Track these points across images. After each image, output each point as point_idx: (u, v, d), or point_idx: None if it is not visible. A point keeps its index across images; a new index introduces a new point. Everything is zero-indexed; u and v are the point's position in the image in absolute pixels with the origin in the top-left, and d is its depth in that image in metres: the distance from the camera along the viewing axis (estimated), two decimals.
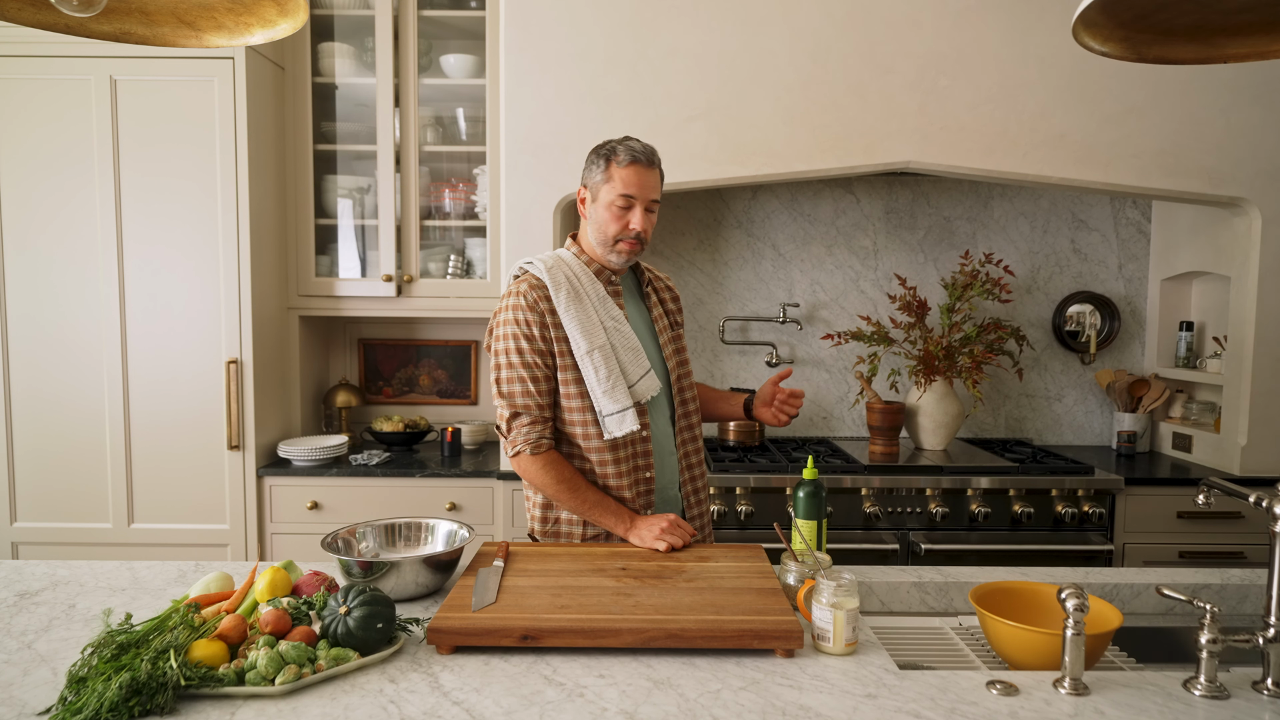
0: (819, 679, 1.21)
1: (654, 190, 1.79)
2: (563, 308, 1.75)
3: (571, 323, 1.75)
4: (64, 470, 2.76)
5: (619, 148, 1.78)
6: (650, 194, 1.78)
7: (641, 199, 1.76)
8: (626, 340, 1.79)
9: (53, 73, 2.65)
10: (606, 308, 1.80)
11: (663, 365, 1.88)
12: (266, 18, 1.24)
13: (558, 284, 1.77)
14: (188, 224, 2.72)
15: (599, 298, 1.80)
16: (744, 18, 2.69)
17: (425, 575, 1.50)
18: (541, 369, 1.75)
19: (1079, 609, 1.16)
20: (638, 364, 1.78)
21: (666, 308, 1.98)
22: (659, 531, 1.69)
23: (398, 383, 3.40)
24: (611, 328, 1.78)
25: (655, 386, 1.80)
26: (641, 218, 1.77)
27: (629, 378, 1.77)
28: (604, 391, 1.74)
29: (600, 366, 1.74)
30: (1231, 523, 2.77)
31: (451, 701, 1.13)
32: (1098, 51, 1.21)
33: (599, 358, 1.74)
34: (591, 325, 1.76)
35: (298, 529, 2.79)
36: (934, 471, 2.74)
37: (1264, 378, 2.79)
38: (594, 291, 1.80)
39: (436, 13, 2.96)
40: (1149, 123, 2.72)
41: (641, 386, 1.78)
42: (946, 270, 3.31)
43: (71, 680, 1.12)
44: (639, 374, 1.78)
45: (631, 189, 1.75)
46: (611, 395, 1.75)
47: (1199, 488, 1.33)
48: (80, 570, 1.68)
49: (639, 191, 1.76)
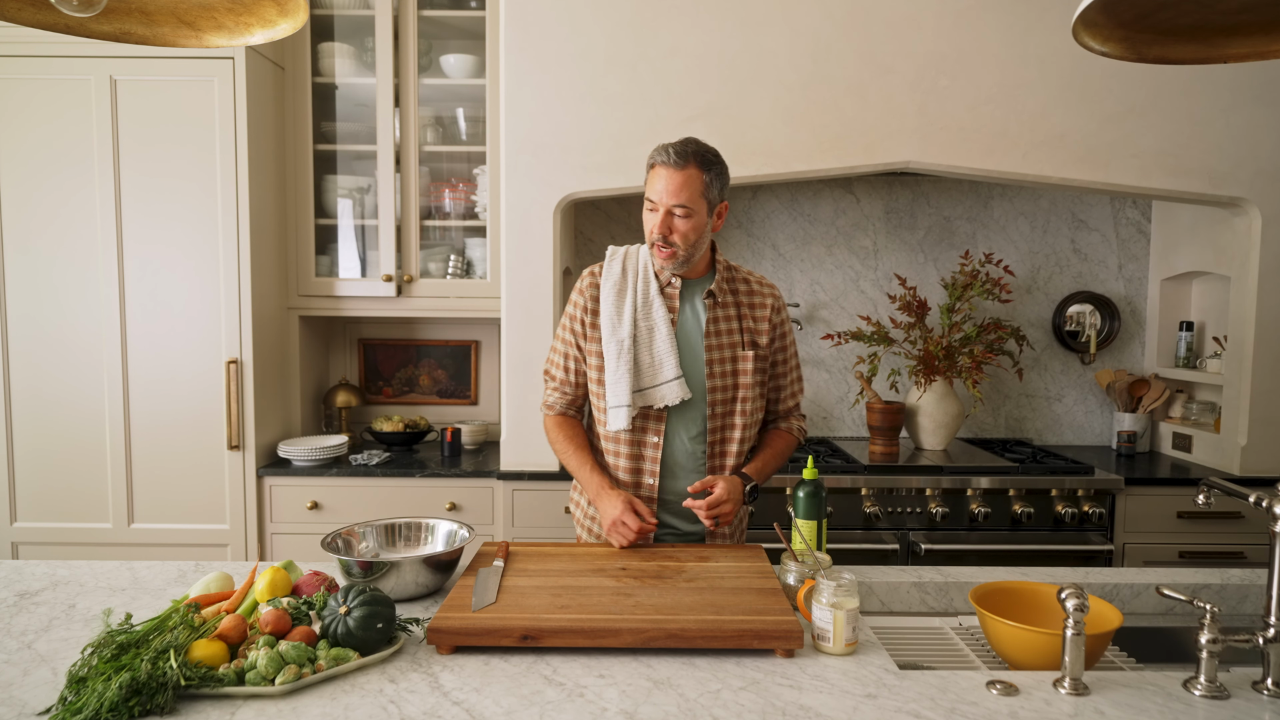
0: (819, 679, 1.21)
1: (679, 194, 1.68)
2: (603, 296, 1.80)
3: (604, 313, 1.79)
4: (64, 470, 2.75)
5: (654, 152, 1.73)
6: (673, 199, 1.68)
7: (662, 204, 1.69)
8: (655, 343, 1.76)
9: (53, 73, 2.65)
10: (649, 307, 1.78)
11: (700, 378, 1.80)
12: (266, 18, 1.24)
13: (610, 274, 1.82)
14: (188, 224, 2.72)
15: (645, 296, 1.78)
16: (744, 18, 2.69)
17: (425, 575, 1.50)
18: (572, 347, 1.86)
19: (1079, 609, 1.16)
20: (656, 369, 1.76)
21: (744, 324, 1.83)
22: (608, 527, 1.72)
23: (398, 383, 3.40)
24: (643, 327, 1.77)
25: (671, 397, 1.75)
26: (662, 222, 1.70)
27: (640, 379, 1.76)
28: (609, 383, 1.78)
29: (612, 359, 1.77)
30: (1231, 523, 2.77)
31: (451, 701, 1.13)
32: (1098, 51, 1.21)
33: (613, 350, 1.77)
34: (618, 320, 1.77)
35: (298, 529, 2.79)
36: (934, 471, 2.74)
37: (1264, 378, 2.79)
38: (644, 289, 1.79)
39: (436, 13, 2.96)
40: (1149, 123, 2.72)
41: (655, 392, 1.76)
42: (946, 270, 3.31)
43: (72, 680, 1.12)
44: (654, 379, 1.76)
45: (653, 193, 1.71)
46: (613, 389, 1.77)
47: (1199, 488, 1.33)
48: (80, 570, 1.68)
49: (659, 196, 1.70)
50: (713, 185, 1.72)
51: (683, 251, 1.72)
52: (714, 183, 1.72)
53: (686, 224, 1.70)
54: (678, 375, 1.75)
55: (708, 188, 1.71)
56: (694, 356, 1.79)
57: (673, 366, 1.75)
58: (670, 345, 1.75)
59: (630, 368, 1.75)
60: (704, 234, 1.74)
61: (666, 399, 1.76)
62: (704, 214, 1.72)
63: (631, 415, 1.77)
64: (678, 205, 1.68)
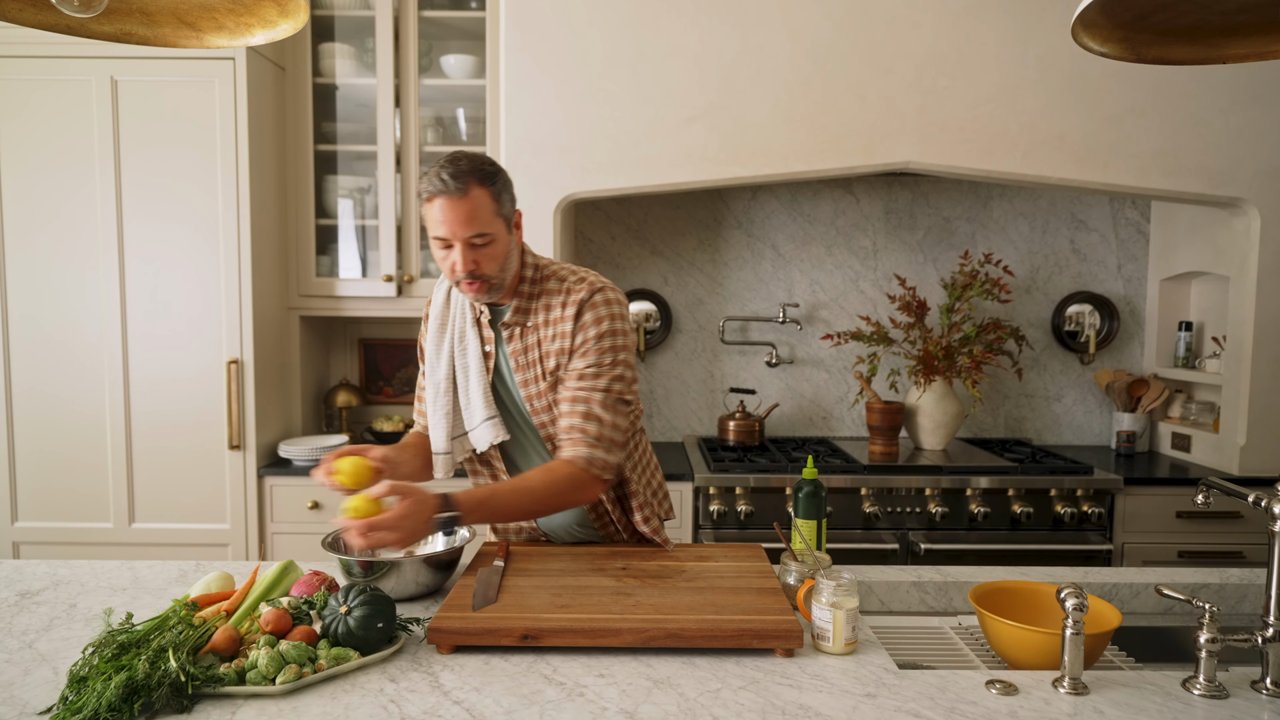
0: (819, 678, 1.21)
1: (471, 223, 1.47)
2: (428, 333, 1.68)
3: (427, 352, 1.68)
4: (65, 470, 2.76)
5: (424, 179, 1.50)
6: (466, 229, 1.47)
7: (456, 238, 1.48)
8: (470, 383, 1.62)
9: (53, 73, 2.66)
10: (464, 343, 1.63)
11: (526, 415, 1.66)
12: (267, 18, 1.25)
13: (435, 304, 1.69)
14: (188, 224, 2.72)
15: (461, 331, 1.63)
16: (744, 18, 2.70)
17: (425, 575, 1.50)
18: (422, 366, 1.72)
19: (1078, 609, 1.16)
20: (471, 412, 1.62)
21: (554, 343, 1.59)
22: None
23: (398, 383, 3.40)
24: (459, 366, 1.63)
25: (483, 441, 1.61)
26: (465, 259, 1.49)
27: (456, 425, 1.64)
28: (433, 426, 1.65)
29: (429, 404, 1.65)
30: (1230, 522, 2.77)
31: (452, 701, 1.13)
32: (1097, 52, 1.21)
33: (430, 395, 1.65)
34: (436, 359, 1.65)
35: (298, 529, 2.79)
36: (933, 471, 2.74)
37: (1263, 378, 2.79)
38: (461, 322, 1.64)
39: (437, 13, 2.96)
40: (1148, 123, 2.72)
41: (470, 437, 1.64)
42: (946, 270, 3.31)
43: (72, 679, 1.12)
44: (470, 423, 1.63)
45: (439, 229, 1.49)
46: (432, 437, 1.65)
47: (1198, 487, 1.33)
48: (81, 570, 1.68)
49: (448, 231, 1.48)
50: (503, 199, 1.53)
51: (496, 279, 1.54)
52: (502, 195, 1.53)
53: (494, 250, 1.51)
54: (489, 415, 1.60)
55: (498, 204, 1.52)
56: (513, 391, 1.65)
57: (483, 407, 1.60)
58: (480, 384, 1.60)
59: (447, 412, 1.63)
60: (511, 252, 1.56)
61: (481, 443, 1.62)
62: (504, 233, 1.53)
63: (452, 464, 1.64)
64: (474, 235, 1.48)
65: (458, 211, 1.47)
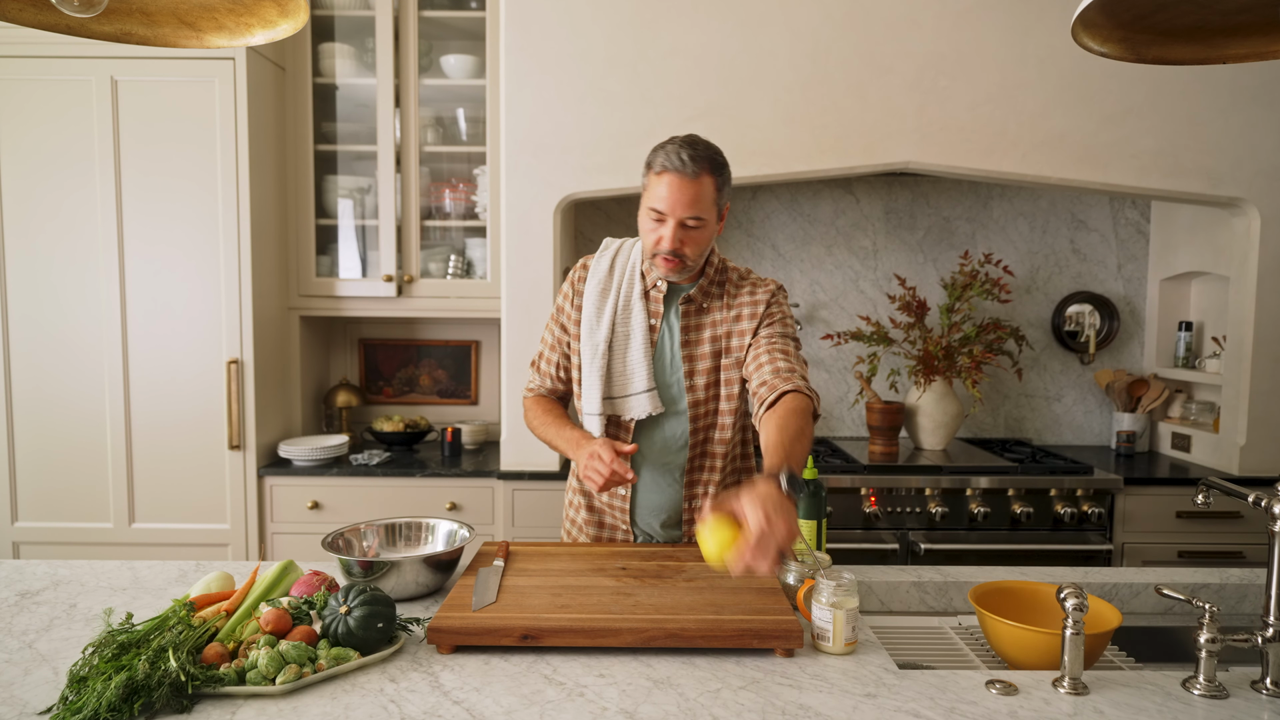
0: (819, 678, 1.21)
1: (693, 206, 1.54)
2: (587, 292, 1.72)
3: (586, 311, 1.71)
4: (65, 470, 2.76)
5: (659, 151, 1.57)
6: (686, 211, 1.55)
7: (673, 216, 1.55)
8: (630, 351, 1.66)
9: (53, 73, 2.66)
10: (629, 311, 1.67)
11: (680, 392, 1.68)
12: (267, 18, 1.25)
13: (598, 270, 1.72)
14: (188, 224, 2.72)
15: (628, 299, 1.67)
16: (744, 18, 2.70)
17: (425, 575, 1.50)
18: (559, 336, 1.78)
19: (1078, 608, 1.16)
20: (628, 379, 1.66)
21: (729, 328, 1.67)
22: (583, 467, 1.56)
23: (398, 383, 3.40)
24: (620, 333, 1.66)
25: (640, 410, 1.65)
26: (673, 236, 1.56)
27: (611, 388, 1.68)
28: (583, 389, 1.71)
29: (586, 362, 1.69)
30: (1230, 522, 2.77)
31: (452, 701, 1.13)
32: (1097, 52, 1.21)
33: (588, 353, 1.69)
34: (597, 322, 1.68)
35: (298, 529, 2.79)
36: (933, 471, 2.74)
37: (1263, 378, 2.79)
38: (627, 291, 1.68)
39: (437, 13, 2.96)
40: (1148, 123, 2.72)
41: (624, 403, 1.67)
42: (946, 270, 3.31)
43: (73, 679, 1.12)
44: (625, 390, 1.67)
45: (659, 202, 1.56)
46: (586, 396, 1.70)
47: (1198, 487, 1.33)
48: (81, 570, 1.68)
49: (669, 207, 1.55)
50: (723, 191, 1.60)
51: (693, 261, 1.61)
52: (724, 188, 1.61)
53: (700, 235, 1.59)
54: (649, 387, 1.64)
55: (720, 195, 1.59)
56: (675, 366, 1.68)
57: (644, 378, 1.64)
58: (643, 354, 1.64)
59: (603, 374, 1.66)
60: (712, 240, 1.64)
61: (635, 412, 1.66)
62: (714, 221, 1.61)
63: (602, 425, 1.68)
64: (691, 218, 1.56)
65: (685, 193, 1.54)
